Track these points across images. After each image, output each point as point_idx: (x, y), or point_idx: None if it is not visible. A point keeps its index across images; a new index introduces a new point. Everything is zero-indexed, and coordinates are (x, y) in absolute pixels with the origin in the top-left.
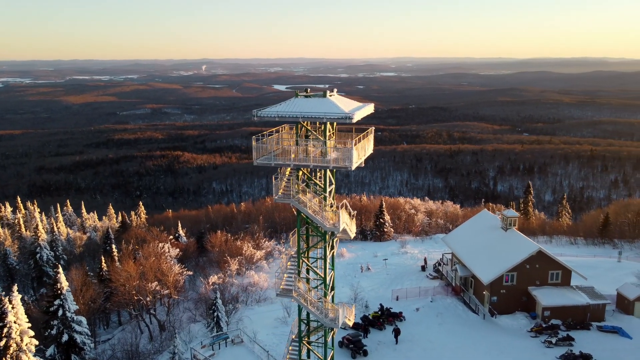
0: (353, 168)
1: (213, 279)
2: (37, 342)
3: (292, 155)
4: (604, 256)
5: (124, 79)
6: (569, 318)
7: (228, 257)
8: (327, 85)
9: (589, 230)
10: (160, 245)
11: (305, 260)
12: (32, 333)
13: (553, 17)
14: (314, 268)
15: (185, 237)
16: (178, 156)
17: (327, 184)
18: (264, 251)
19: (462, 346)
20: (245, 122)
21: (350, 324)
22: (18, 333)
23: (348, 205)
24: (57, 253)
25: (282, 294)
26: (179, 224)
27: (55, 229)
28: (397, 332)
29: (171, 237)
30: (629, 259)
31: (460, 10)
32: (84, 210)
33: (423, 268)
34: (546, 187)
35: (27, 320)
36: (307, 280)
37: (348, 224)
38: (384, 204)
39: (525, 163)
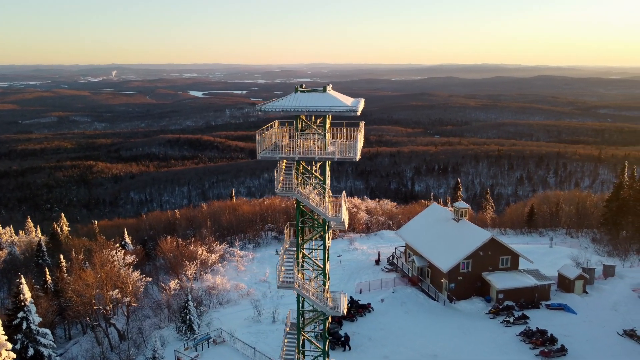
0: (357, 159)
1: (173, 284)
2: (14, 355)
3: (286, 150)
4: (534, 243)
5: (25, 85)
6: (520, 299)
7: (186, 262)
8: (244, 92)
9: (516, 221)
10: (113, 252)
11: (304, 252)
12: (10, 346)
13: (455, 25)
14: (314, 259)
15: (131, 245)
16: (91, 166)
17: (326, 176)
18: (217, 254)
19: (430, 331)
20: (161, 130)
21: (345, 312)
22: None
23: (345, 196)
24: None
25: (283, 286)
26: (125, 232)
27: None
28: (347, 339)
29: (117, 245)
30: (557, 245)
31: (370, 18)
32: None
33: (377, 262)
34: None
35: (4, 332)
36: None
37: (345, 214)
38: None
39: (439, 163)
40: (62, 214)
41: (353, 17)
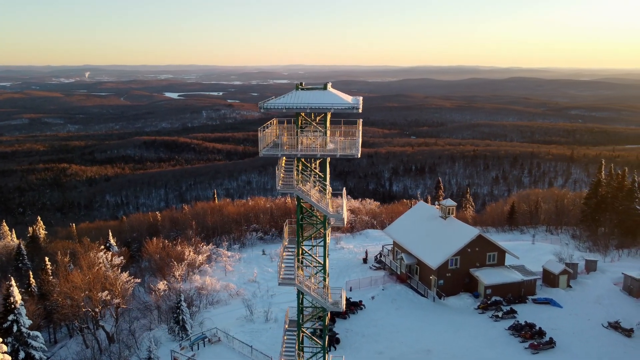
0: (359, 155)
1: (161, 285)
2: (9, 358)
3: (286, 147)
4: (516, 241)
5: None
6: (508, 294)
7: (175, 263)
8: (221, 93)
9: (497, 220)
10: (100, 254)
11: (304, 249)
12: (5, 348)
13: (431, 27)
14: (314, 256)
15: (116, 247)
16: (64, 169)
17: (326, 173)
18: (205, 255)
19: (421, 327)
20: (137, 132)
21: (344, 308)
22: None
23: (345, 193)
24: None
25: (284, 283)
26: (110, 233)
27: None
28: (336, 341)
29: (102, 247)
30: (538, 242)
31: (345, 20)
32: None
33: (364, 260)
34: None
35: None
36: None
37: (345, 211)
38: None
39: (416, 164)
40: (39, 217)
41: (329, 19)
